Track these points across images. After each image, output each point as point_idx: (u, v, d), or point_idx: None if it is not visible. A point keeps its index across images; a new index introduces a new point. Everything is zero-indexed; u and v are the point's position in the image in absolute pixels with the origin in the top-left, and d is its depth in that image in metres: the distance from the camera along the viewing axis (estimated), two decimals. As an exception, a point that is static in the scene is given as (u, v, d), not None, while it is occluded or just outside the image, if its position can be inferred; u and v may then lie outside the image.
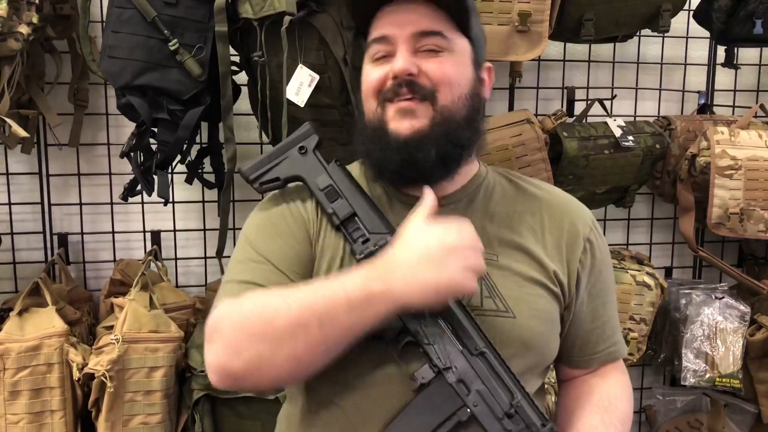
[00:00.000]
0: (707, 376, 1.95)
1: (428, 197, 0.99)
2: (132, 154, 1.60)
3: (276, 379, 0.94)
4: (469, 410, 0.96)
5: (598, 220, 1.16)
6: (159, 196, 1.60)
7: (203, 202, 1.92)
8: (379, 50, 1.03)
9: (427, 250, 0.91)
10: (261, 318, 0.91)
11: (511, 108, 1.99)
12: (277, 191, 1.09)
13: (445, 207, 1.07)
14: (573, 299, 1.09)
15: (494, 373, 0.97)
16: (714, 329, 1.96)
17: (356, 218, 1.02)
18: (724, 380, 1.94)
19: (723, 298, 1.99)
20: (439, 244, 0.91)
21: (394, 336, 0.97)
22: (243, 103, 1.69)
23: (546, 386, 1.63)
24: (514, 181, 1.15)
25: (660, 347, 2.07)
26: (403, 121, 1.00)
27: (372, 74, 1.04)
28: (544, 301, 1.05)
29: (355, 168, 1.14)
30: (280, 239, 1.04)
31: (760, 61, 2.18)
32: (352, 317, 0.89)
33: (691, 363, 1.96)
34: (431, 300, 0.91)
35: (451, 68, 1.02)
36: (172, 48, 1.48)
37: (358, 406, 0.99)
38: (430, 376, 0.96)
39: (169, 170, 1.67)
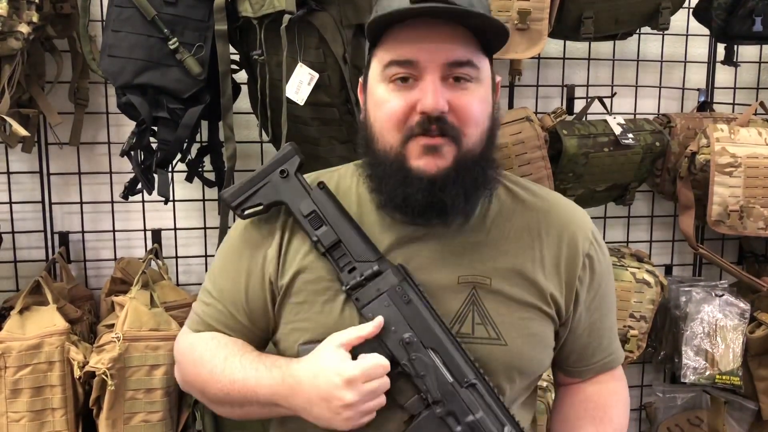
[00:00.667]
0: (707, 373, 1.95)
1: (372, 326, 0.96)
2: (132, 152, 1.60)
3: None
4: None
5: (597, 217, 1.15)
6: (159, 194, 1.60)
7: (204, 200, 1.93)
8: (399, 72, 0.94)
9: (322, 393, 0.93)
10: (198, 381, 1.08)
11: (510, 106, 1.99)
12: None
13: (440, 225, 1.03)
14: (570, 316, 1.08)
15: (484, 404, 0.97)
16: (714, 327, 1.96)
17: (342, 245, 1.00)
18: (724, 377, 1.94)
19: (723, 295, 1.99)
20: (333, 392, 0.92)
21: (381, 370, 0.96)
22: (243, 102, 1.69)
23: (546, 383, 1.64)
24: (513, 190, 1.10)
25: (660, 345, 2.07)
26: (429, 159, 0.94)
27: (393, 103, 0.95)
28: (536, 324, 1.04)
29: (346, 176, 1.11)
30: (237, 274, 1.07)
31: (760, 59, 2.18)
32: (264, 411, 1.02)
33: (691, 360, 1.97)
34: (325, 427, 0.96)
35: (478, 105, 0.96)
36: (171, 47, 1.48)
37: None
38: (420, 408, 0.96)
39: (170, 169, 1.67)
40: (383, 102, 0.96)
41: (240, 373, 1.01)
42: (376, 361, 0.94)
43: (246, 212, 1.05)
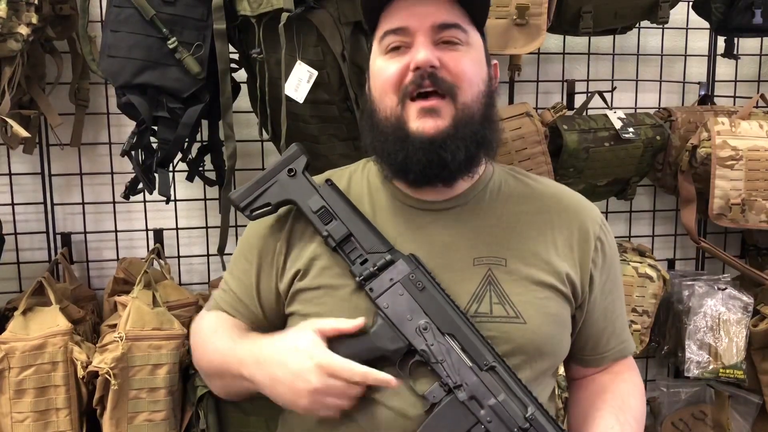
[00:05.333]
0: (711, 367, 1.94)
1: (352, 324, 0.97)
2: (133, 152, 1.60)
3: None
4: (483, 427, 0.95)
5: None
6: (160, 194, 1.60)
7: (205, 199, 1.93)
8: (394, 41, 1.00)
9: (290, 371, 0.95)
10: (197, 353, 1.15)
11: (510, 101, 1.99)
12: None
13: (452, 210, 1.06)
14: (586, 298, 1.08)
15: (505, 386, 0.96)
16: (717, 320, 1.95)
17: (352, 239, 1.01)
18: (727, 371, 1.94)
19: (726, 289, 1.99)
20: (301, 373, 0.94)
21: (401, 357, 0.97)
22: (243, 101, 1.69)
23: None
24: (521, 179, 1.13)
25: (663, 339, 2.07)
26: (427, 120, 0.98)
27: (389, 68, 1.00)
28: (554, 304, 1.04)
29: (357, 170, 1.14)
30: (249, 265, 1.10)
31: (761, 51, 2.17)
32: (235, 381, 1.05)
33: (694, 354, 1.96)
34: (285, 406, 1.00)
35: (470, 64, 1.00)
36: (171, 46, 1.48)
37: (372, 420, 0.98)
38: (440, 395, 0.96)
39: (170, 168, 1.67)
40: (381, 70, 1.01)
41: (221, 343, 1.05)
42: (350, 366, 0.93)
43: (255, 213, 1.05)
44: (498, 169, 1.13)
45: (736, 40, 1.99)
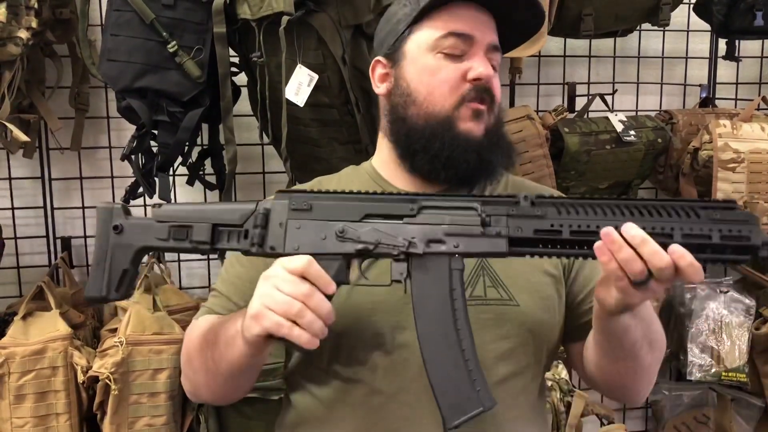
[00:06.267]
0: (713, 370, 1.94)
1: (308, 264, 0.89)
2: (133, 156, 1.60)
3: (208, 401, 1.20)
4: (457, 254, 0.90)
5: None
6: (160, 198, 1.60)
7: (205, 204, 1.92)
8: (457, 46, 1.03)
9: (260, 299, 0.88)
10: (188, 349, 1.06)
11: (512, 104, 1.99)
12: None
13: None
14: (574, 274, 1.10)
15: (444, 211, 0.91)
16: (719, 323, 1.95)
17: (219, 227, 0.92)
18: (730, 374, 1.93)
19: (728, 291, 1.98)
20: (260, 296, 0.88)
21: (344, 271, 0.90)
22: (243, 104, 1.69)
23: (550, 383, 1.63)
24: (510, 179, 1.17)
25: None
26: (477, 124, 1.03)
27: (446, 70, 1.03)
28: (547, 287, 1.06)
29: (349, 173, 1.15)
30: (242, 269, 1.08)
31: (762, 54, 2.17)
32: (229, 349, 0.95)
33: (696, 358, 1.96)
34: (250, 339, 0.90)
35: (499, 88, 1.07)
36: (171, 50, 1.48)
37: (372, 343, 0.99)
38: (403, 267, 0.90)
39: (171, 172, 1.67)
40: (436, 69, 1.04)
41: (223, 323, 1.00)
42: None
43: (120, 291, 0.96)
44: None
45: (737, 42, 1.99)
